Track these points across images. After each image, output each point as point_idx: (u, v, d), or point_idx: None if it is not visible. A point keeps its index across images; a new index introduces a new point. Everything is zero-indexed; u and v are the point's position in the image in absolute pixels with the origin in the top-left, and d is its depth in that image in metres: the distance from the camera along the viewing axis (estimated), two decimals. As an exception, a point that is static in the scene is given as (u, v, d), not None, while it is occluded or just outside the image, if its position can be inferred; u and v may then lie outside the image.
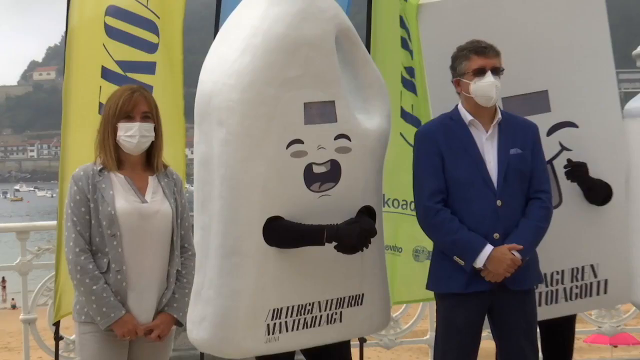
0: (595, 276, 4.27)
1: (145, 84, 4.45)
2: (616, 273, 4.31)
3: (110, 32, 4.80)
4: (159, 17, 4.94)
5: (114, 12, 4.82)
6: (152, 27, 4.90)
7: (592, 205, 4.09)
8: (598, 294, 4.34)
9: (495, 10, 4.24)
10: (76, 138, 4.86)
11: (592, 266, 4.22)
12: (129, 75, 4.78)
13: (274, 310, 3.46)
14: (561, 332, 4.39)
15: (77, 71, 4.86)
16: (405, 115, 4.71)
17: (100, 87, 4.70)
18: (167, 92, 4.90)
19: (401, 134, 4.64)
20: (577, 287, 4.25)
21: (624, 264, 4.30)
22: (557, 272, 4.12)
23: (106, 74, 4.80)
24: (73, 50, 4.80)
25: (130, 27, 4.80)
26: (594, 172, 3.97)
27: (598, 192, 4.04)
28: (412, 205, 4.27)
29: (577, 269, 4.17)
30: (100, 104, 4.54)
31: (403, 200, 4.75)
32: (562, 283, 4.18)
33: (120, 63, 4.80)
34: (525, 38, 4.13)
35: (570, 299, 4.24)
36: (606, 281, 4.27)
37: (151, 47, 4.88)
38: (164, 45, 4.98)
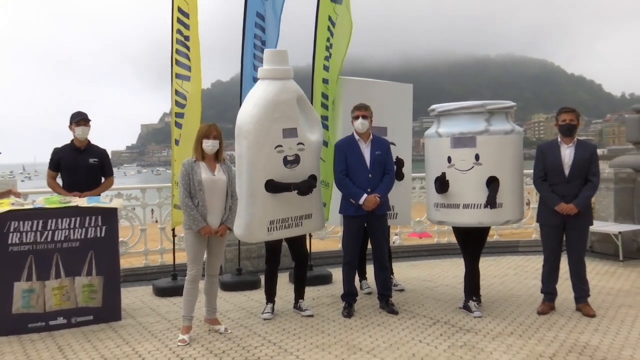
0: (394, 209, 6.73)
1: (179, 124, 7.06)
2: (402, 210, 6.96)
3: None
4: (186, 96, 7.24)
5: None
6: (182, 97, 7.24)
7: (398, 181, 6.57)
8: (396, 218, 6.93)
9: (368, 89, 6.85)
10: (180, 148, 7.12)
11: (393, 206, 6.61)
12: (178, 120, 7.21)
13: (270, 220, 5.81)
14: (388, 230, 6.82)
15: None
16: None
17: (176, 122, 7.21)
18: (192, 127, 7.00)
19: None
20: (391, 215, 6.72)
21: (406, 207, 6.89)
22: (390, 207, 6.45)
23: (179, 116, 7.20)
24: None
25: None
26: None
27: (398, 172, 6.52)
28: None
29: (393, 205, 6.60)
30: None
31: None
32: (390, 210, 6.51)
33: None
34: (381, 102, 6.61)
35: (390, 218, 6.72)
36: (397, 213, 6.86)
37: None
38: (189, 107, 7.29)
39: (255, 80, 6.87)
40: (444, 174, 5.93)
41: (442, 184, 5.96)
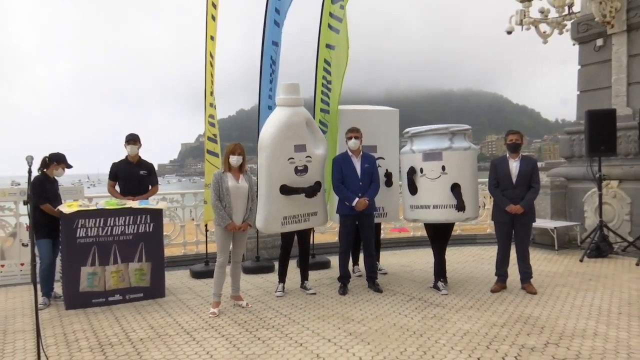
0: (384, 209, 6.75)
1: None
2: (391, 210, 6.89)
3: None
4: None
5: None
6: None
7: (388, 187, 6.64)
8: (386, 216, 6.84)
9: (361, 115, 6.82)
10: (210, 164, 7.20)
11: (383, 207, 6.67)
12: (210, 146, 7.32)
13: (284, 216, 5.82)
14: (377, 226, 6.86)
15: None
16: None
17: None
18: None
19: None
20: (380, 214, 6.70)
21: (396, 207, 6.77)
22: (377, 208, 6.43)
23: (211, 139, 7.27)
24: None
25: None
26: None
27: (389, 181, 6.60)
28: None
29: (382, 207, 6.66)
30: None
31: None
32: (378, 211, 6.53)
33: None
34: (372, 125, 6.61)
35: (380, 216, 6.72)
36: (387, 213, 6.81)
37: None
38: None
39: (269, 109, 6.96)
40: (412, 168, 5.96)
41: (411, 185, 6.01)
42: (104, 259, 5.86)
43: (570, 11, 10.09)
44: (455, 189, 5.81)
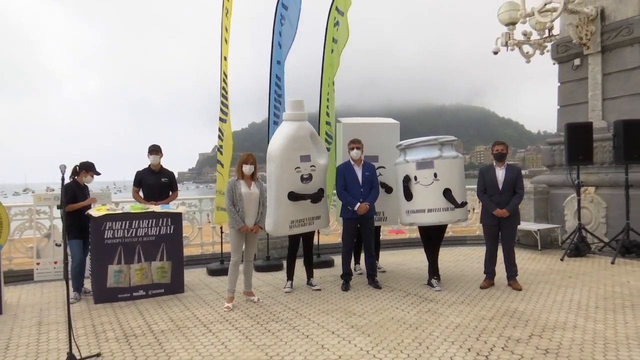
0: (384, 213, 6.69)
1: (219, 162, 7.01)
2: (391, 214, 6.77)
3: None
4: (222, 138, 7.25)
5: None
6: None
7: (388, 194, 6.52)
8: (386, 220, 6.76)
9: (364, 128, 6.72)
10: (226, 170, 7.20)
11: (383, 212, 6.60)
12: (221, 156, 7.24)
13: (291, 220, 5.78)
14: (376, 229, 6.77)
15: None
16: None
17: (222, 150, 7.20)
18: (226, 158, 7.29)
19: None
20: (380, 218, 6.65)
21: (395, 211, 6.61)
22: (378, 213, 6.43)
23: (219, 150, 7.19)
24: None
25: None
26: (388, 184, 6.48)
27: (387, 190, 6.50)
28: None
29: (382, 212, 6.62)
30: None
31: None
32: (378, 215, 6.50)
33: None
34: (374, 137, 6.55)
35: (380, 220, 6.67)
36: (387, 217, 6.76)
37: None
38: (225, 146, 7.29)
39: (275, 123, 7.00)
40: (407, 176, 5.93)
41: (407, 192, 5.97)
42: (129, 258, 5.86)
43: (550, 34, 10.11)
44: (447, 193, 5.79)
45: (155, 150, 6.61)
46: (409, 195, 5.98)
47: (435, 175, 5.82)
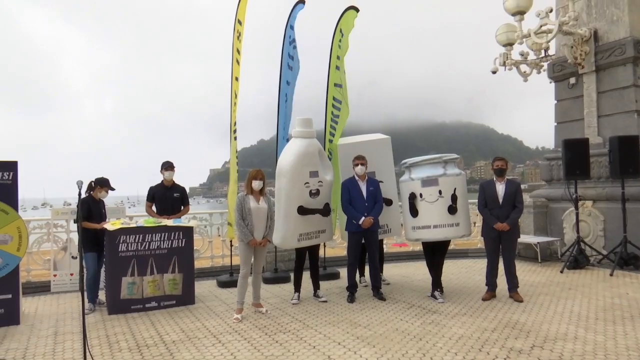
0: (388, 226, 6.63)
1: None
2: (394, 226, 6.73)
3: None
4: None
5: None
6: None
7: (388, 206, 6.46)
8: (390, 232, 6.68)
9: (359, 146, 6.61)
10: (234, 187, 7.13)
11: (387, 224, 6.55)
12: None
13: (300, 233, 5.77)
14: (380, 242, 6.73)
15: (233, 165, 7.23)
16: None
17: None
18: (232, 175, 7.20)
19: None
20: (384, 230, 6.60)
21: (397, 225, 6.66)
22: (382, 225, 6.41)
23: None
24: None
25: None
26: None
27: (387, 203, 6.41)
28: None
29: (386, 224, 6.57)
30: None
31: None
32: (382, 228, 6.44)
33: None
34: (368, 154, 6.31)
35: (385, 232, 6.62)
36: (391, 229, 6.69)
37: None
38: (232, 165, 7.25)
39: (285, 140, 6.97)
40: (412, 194, 5.91)
41: (412, 208, 5.94)
42: (142, 270, 5.86)
43: (547, 54, 10.14)
44: (451, 207, 5.79)
45: (170, 166, 6.66)
46: (414, 212, 5.95)
47: (439, 192, 5.80)
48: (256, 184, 5.54)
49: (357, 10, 7.60)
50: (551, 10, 8.43)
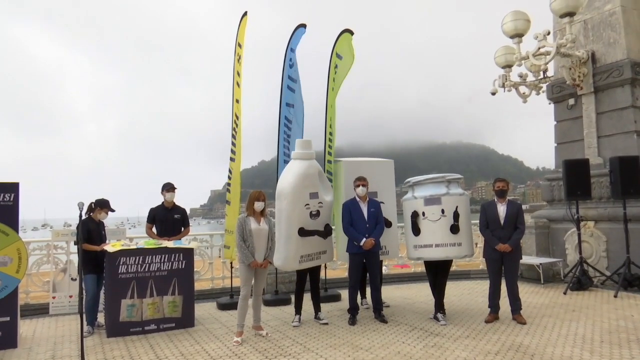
0: (386, 248, 6.52)
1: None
2: (392, 248, 6.68)
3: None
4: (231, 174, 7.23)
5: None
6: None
7: (387, 228, 6.36)
8: (388, 254, 6.62)
9: (364, 166, 6.69)
10: (234, 207, 7.20)
11: (385, 246, 6.43)
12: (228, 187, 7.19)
13: (301, 255, 5.75)
14: (380, 263, 6.64)
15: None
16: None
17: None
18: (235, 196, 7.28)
19: None
20: (383, 252, 6.43)
21: (396, 247, 6.65)
22: (382, 247, 6.29)
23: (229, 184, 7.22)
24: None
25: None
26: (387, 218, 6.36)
27: (386, 224, 6.34)
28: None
29: (384, 246, 6.44)
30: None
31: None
32: (381, 249, 6.22)
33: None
34: (371, 174, 6.33)
35: (383, 254, 6.49)
36: (389, 251, 6.60)
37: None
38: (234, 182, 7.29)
39: (285, 161, 7.00)
40: (415, 212, 5.91)
41: (414, 227, 5.94)
42: (141, 292, 5.82)
43: (545, 75, 10.24)
44: (454, 226, 5.79)
45: (171, 188, 6.67)
46: (416, 231, 5.95)
47: (442, 211, 5.79)
48: (258, 205, 5.54)
49: (351, 33, 7.68)
50: (549, 33, 8.53)
